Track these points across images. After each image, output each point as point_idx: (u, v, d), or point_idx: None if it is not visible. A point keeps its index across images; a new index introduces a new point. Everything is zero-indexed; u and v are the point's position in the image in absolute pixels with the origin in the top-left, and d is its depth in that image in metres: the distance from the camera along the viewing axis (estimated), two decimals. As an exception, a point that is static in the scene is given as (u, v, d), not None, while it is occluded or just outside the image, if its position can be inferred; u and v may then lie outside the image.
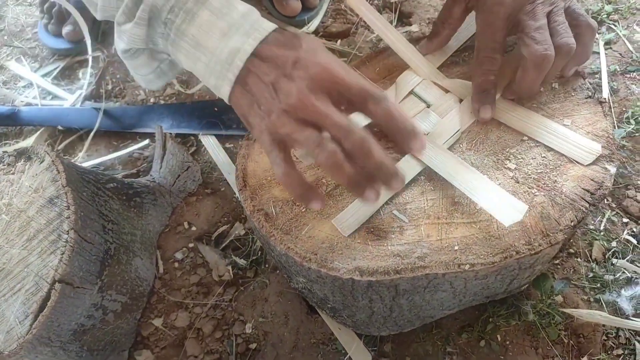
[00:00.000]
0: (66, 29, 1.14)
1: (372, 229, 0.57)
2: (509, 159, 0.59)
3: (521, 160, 0.59)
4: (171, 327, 0.80)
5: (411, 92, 0.68)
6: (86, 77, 1.11)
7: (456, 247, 0.54)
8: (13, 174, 0.73)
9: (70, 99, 1.09)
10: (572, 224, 0.54)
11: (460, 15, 0.66)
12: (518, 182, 0.57)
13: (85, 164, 0.98)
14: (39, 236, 0.67)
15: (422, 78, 0.68)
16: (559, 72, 0.62)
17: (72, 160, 1.00)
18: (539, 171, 0.58)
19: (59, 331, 0.66)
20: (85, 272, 0.68)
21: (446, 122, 0.63)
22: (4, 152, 0.75)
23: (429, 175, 0.60)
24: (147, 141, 1.00)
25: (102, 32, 1.21)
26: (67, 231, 0.66)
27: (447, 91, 0.67)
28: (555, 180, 0.57)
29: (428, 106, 0.66)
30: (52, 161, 0.71)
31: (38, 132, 1.04)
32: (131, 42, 0.56)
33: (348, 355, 0.74)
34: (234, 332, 0.79)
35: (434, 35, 0.69)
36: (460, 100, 0.65)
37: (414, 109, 0.66)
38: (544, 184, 0.57)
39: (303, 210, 0.60)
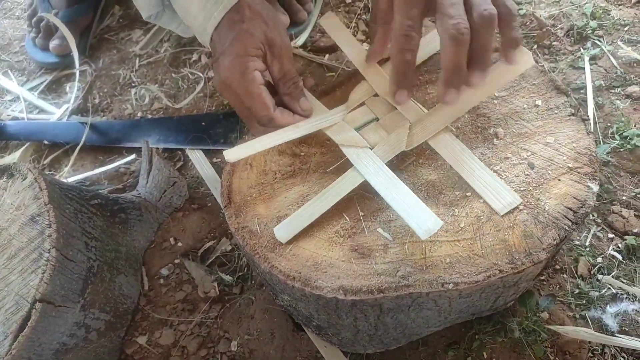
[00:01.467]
0: (53, 43, 1.14)
1: (356, 247, 0.57)
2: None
3: (504, 177, 0.59)
4: (155, 344, 0.79)
5: (363, 104, 0.68)
6: (73, 91, 1.11)
7: (440, 266, 0.53)
8: (-5, 191, 0.72)
9: (57, 113, 1.08)
10: (555, 242, 0.54)
11: (387, 5, 0.61)
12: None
13: (71, 179, 0.98)
14: (20, 254, 0.66)
15: (375, 93, 0.68)
16: (492, 46, 0.57)
17: (58, 175, 0.99)
18: (522, 189, 0.58)
19: (40, 351, 0.65)
20: (67, 291, 0.67)
21: (392, 139, 0.63)
22: (-15, 169, 0.74)
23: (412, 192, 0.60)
24: (133, 156, 1.00)
25: (90, 45, 1.20)
26: (49, 249, 0.65)
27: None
28: (539, 199, 0.57)
29: (377, 120, 0.66)
30: (35, 178, 0.70)
31: (24, 147, 1.03)
32: (149, 9, 0.74)
33: (334, 373, 0.73)
34: (219, 350, 0.78)
35: (372, 35, 0.67)
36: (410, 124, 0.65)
37: (363, 118, 0.66)
38: (527, 201, 0.57)
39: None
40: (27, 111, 1.10)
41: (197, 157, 0.98)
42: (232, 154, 0.62)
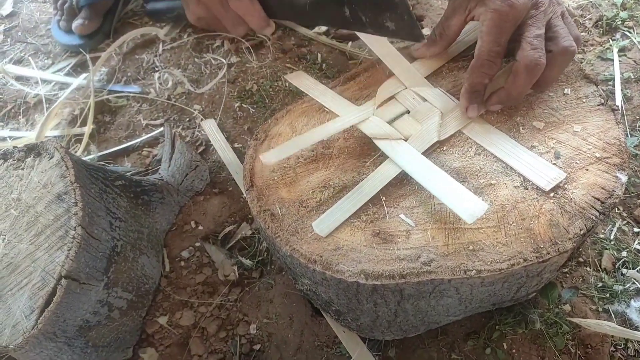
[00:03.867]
0: (76, 23, 1.14)
1: (378, 232, 0.57)
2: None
3: (531, 166, 0.59)
4: (176, 325, 0.80)
5: (392, 97, 0.68)
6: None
7: (462, 253, 0.53)
8: (22, 169, 0.73)
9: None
10: (582, 232, 0.53)
11: (459, 27, 0.66)
12: (527, 189, 0.57)
13: (98, 154, 0.99)
14: (46, 232, 0.67)
15: (404, 87, 0.68)
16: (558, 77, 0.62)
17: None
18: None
19: (65, 327, 0.66)
20: (92, 269, 0.68)
21: (424, 130, 0.63)
22: (14, 147, 0.76)
23: (437, 179, 0.60)
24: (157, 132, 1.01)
25: (115, 29, 1.21)
26: (75, 227, 0.66)
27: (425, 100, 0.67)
28: (565, 188, 0.56)
29: (408, 112, 0.66)
30: (62, 157, 0.71)
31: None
32: None
33: (352, 359, 0.73)
34: (238, 332, 0.79)
35: (430, 44, 0.69)
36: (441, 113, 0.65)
37: (394, 112, 0.66)
38: (554, 191, 0.56)
39: (310, 212, 0.59)
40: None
41: (218, 142, 0.98)
42: (269, 157, 0.63)
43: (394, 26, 0.61)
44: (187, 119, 1.04)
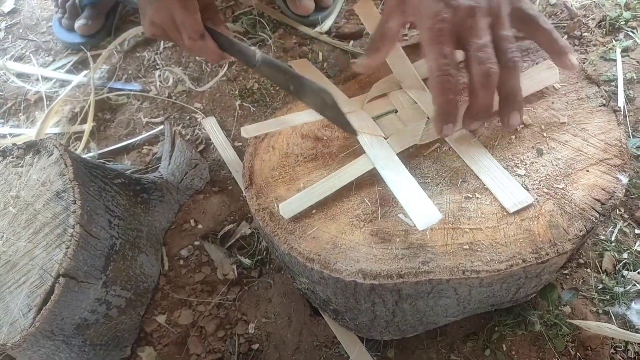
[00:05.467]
0: (79, 23, 1.15)
1: (377, 232, 0.56)
2: (518, 166, 0.58)
3: (531, 166, 0.58)
4: (174, 324, 0.80)
5: (385, 95, 0.68)
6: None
7: (461, 254, 0.53)
8: (22, 166, 0.73)
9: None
10: (581, 233, 0.53)
11: (398, 28, 0.61)
12: (527, 189, 0.56)
13: (98, 152, 0.99)
14: (45, 229, 0.67)
15: (399, 87, 0.68)
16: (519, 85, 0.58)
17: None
18: (549, 179, 0.57)
19: (62, 325, 0.66)
20: (90, 267, 0.68)
21: (407, 131, 0.63)
22: (13, 144, 0.75)
23: (435, 179, 0.59)
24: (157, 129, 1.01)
25: (116, 27, 1.21)
26: (73, 225, 0.66)
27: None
28: (566, 188, 0.56)
29: (395, 112, 0.66)
30: (61, 155, 0.71)
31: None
32: None
33: (350, 359, 0.73)
34: (236, 331, 0.79)
35: (372, 52, 0.63)
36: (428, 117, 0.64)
37: (383, 109, 0.67)
38: (553, 191, 0.56)
39: (312, 211, 0.59)
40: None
41: (219, 140, 0.98)
42: (249, 130, 0.65)
43: (331, 116, 0.63)
44: (188, 117, 1.04)
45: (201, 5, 0.69)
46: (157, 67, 1.13)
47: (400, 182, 0.58)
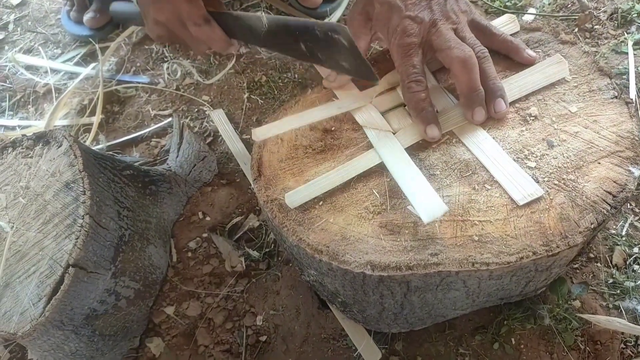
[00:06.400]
0: (87, 16, 1.15)
1: (385, 224, 0.56)
2: (528, 158, 0.58)
3: (542, 159, 0.58)
4: (183, 316, 0.81)
5: (394, 89, 0.68)
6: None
7: (470, 246, 0.52)
8: (31, 157, 0.74)
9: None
10: (592, 226, 0.52)
11: (366, 47, 0.68)
12: (538, 181, 0.56)
13: (107, 144, 0.99)
14: (54, 220, 0.67)
15: None
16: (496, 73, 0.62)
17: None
18: (559, 171, 0.56)
19: (72, 315, 0.67)
20: (100, 257, 0.68)
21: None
22: (22, 135, 0.76)
23: (444, 171, 0.59)
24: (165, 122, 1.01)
25: (125, 20, 1.21)
26: (83, 216, 0.66)
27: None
28: (577, 181, 0.55)
29: (404, 105, 0.66)
30: (70, 146, 0.71)
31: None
32: None
33: (358, 352, 0.73)
34: (244, 323, 0.79)
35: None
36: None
37: (391, 103, 0.67)
38: (564, 184, 0.55)
39: (320, 203, 0.59)
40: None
41: (227, 132, 0.98)
42: (259, 132, 0.65)
43: (348, 65, 0.63)
44: (196, 110, 1.04)
45: None
46: (165, 59, 1.13)
47: (406, 174, 0.58)
